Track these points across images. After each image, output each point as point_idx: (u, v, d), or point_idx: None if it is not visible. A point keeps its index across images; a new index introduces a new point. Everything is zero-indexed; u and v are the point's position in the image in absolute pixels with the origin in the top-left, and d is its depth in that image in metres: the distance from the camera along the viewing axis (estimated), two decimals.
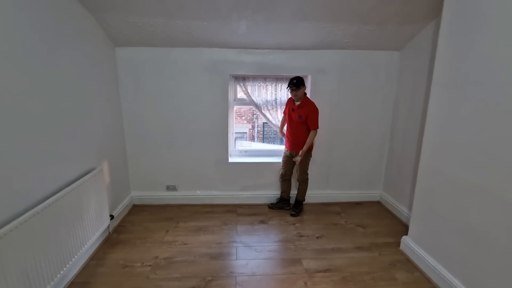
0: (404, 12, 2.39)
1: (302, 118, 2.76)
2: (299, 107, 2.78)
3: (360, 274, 2.17)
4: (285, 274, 2.17)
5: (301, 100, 2.77)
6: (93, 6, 2.24)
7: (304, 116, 2.75)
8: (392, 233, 2.73)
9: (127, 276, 2.11)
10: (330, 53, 2.99)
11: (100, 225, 2.38)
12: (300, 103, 2.77)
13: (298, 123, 2.82)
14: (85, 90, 2.28)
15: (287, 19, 2.46)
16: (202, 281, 2.08)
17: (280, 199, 3.25)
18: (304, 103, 2.77)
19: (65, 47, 2.02)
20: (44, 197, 1.77)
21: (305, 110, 2.75)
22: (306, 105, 2.76)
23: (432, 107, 2.13)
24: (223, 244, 2.55)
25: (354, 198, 3.45)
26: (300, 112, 2.77)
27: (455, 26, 1.92)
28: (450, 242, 1.96)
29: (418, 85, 2.74)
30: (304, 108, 2.75)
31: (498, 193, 1.60)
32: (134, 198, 3.26)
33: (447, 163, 1.98)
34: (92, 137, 2.40)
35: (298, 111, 2.78)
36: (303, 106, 2.76)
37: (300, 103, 2.78)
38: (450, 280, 1.93)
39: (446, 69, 2.00)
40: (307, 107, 2.75)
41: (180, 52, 2.89)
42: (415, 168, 2.32)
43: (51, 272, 1.75)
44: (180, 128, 3.11)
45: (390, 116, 3.24)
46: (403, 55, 3.01)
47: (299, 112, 2.77)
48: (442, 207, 2.04)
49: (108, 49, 2.69)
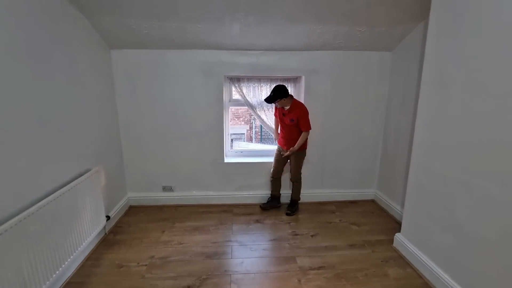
0: (394, 13, 2.44)
1: (294, 121, 2.83)
2: (289, 111, 2.84)
3: (353, 270, 2.21)
4: (279, 271, 2.20)
5: (290, 104, 2.83)
6: (87, 9, 2.27)
7: (296, 119, 2.81)
8: (386, 231, 2.77)
9: (123, 276, 2.14)
10: (323, 54, 3.03)
11: (96, 225, 2.40)
12: (290, 107, 2.83)
13: (291, 126, 2.88)
14: (80, 92, 2.30)
15: (278, 21, 2.50)
16: (198, 279, 2.10)
17: (271, 197, 3.28)
18: (294, 106, 2.82)
19: (60, 49, 2.05)
20: (39, 197, 1.79)
21: (296, 114, 2.81)
22: (296, 108, 2.82)
23: (421, 106, 2.18)
24: (219, 243, 2.57)
25: (349, 197, 3.49)
26: (292, 116, 2.82)
27: (441, 27, 1.97)
28: (441, 239, 2.00)
29: (410, 85, 2.79)
30: (295, 111, 2.81)
31: (485, 190, 1.64)
32: (130, 199, 3.28)
33: (437, 161, 2.02)
34: (88, 139, 2.42)
35: (290, 115, 2.84)
36: (293, 110, 2.82)
37: (289, 107, 2.83)
38: (441, 275, 1.96)
39: (433, 69, 2.05)
40: (297, 110, 2.81)
41: (174, 54, 2.93)
42: (408, 167, 2.36)
43: (47, 272, 1.77)
44: (176, 129, 3.14)
45: (383, 115, 3.28)
46: (394, 56, 3.06)
47: (290, 116, 2.83)
48: (432, 204, 2.08)
49: (103, 52, 2.72)
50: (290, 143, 2.93)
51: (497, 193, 1.56)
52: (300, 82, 3.24)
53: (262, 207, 3.23)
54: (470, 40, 1.73)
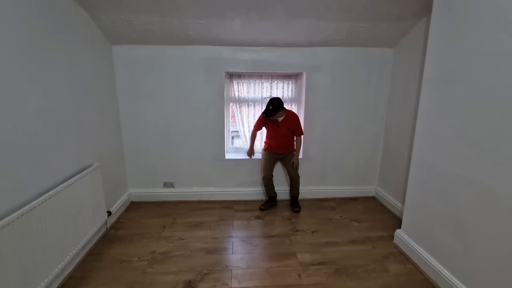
0: (396, 9, 2.42)
1: (290, 129, 2.94)
2: (284, 121, 2.91)
3: (353, 266, 2.21)
4: (279, 267, 2.21)
5: (284, 115, 2.90)
6: (89, 4, 2.26)
7: (292, 127, 2.94)
8: (386, 227, 2.78)
9: (124, 270, 2.15)
10: (324, 50, 3.02)
11: (97, 221, 2.41)
12: (284, 117, 2.90)
13: (288, 134, 2.97)
14: (81, 88, 2.30)
15: (280, 17, 2.49)
16: (198, 274, 2.11)
17: (269, 198, 3.22)
18: (288, 116, 2.93)
19: (62, 45, 2.05)
20: (40, 192, 1.80)
21: (291, 123, 2.93)
22: (291, 117, 2.94)
23: (423, 102, 2.17)
24: (219, 239, 2.58)
25: (350, 193, 3.49)
26: (288, 126, 2.93)
27: (444, 22, 1.96)
28: (441, 235, 2.00)
29: (411, 81, 2.78)
30: (289, 121, 2.92)
31: (486, 186, 1.63)
32: (131, 195, 3.29)
33: (438, 157, 2.02)
34: (89, 134, 2.43)
35: (286, 125, 2.92)
36: (288, 120, 2.92)
37: (283, 118, 2.90)
38: (441, 271, 1.97)
39: (435, 65, 2.04)
40: (291, 119, 2.93)
41: (175, 50, 2.92)
42: (409, 164, 2.36)
43: (49, 266, 1.78)
44: (177, 125, 3.14)
45: (384, 112, 3.28)
46: (396, 52, 3.05)
47: (287, 126, 2.92)
48: (433, 200, 2.08)
49: (104, 47, 2.72)
50: (287, 148, 3.04)
51: (498, 190, 1.56)
52: (301, 79, 3.23)
53: (262, 208, 3.14)
54: (473, 36, 1.72)
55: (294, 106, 3.37)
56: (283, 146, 3.01)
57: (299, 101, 3.34)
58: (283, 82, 3.29)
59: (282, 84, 3.28)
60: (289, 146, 3.04)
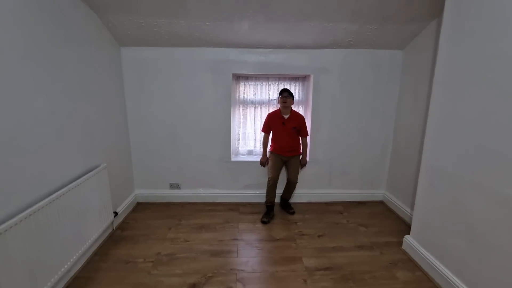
0: (406, 11, 2.38)
1: (296, 128, 2.91)
2: (290, 119, 2.90)
3: (360, 272, 2.17)
4: (285, 271, 2.18)
5: (290, 112, 2.88)
6: (98, 7, 2.29)
7: (298, 126, 2.92)
8: (395, 233, 2.72)
9: (129, 272, 2.15)
10: (332, 52, 2.99)
11: (104, 221, 2.43)
12: (290, 115, 2.89)
13: (294, 133, 2.94)
14: (90, 89, 2.33)
15: (288, 19, 2.47)
16: (203, 277, 2.10)
17: (267, 209, 3.03)
18: (294, 114, 2.93)
19: (71, 47, 2.07)
20: (48, 192, 1.81)
21: (297, 121, 2.92)
22: (297, 116, 2.94)
23: (433, 105, 2.12)
24: (225, 241, 2.57)
25: (357, 197, 3.44)
26: (294, 124, 2.91)
27: (456, 24, 1.91)
28: (452, 242, 1.94)
29: (421, 83, 2.72)
30: (296, 119, 2.92)
31: (499, 193, 1.58)
32: (138, 196, 3.30)
33: (448, 162, 1.96)
34: (97, 135, 2.45)
35: (291, 123, 2.90)
36: (294, 118, 2.91)
37: (289, 115, 2.89)
38: (453, 280, 1.91)
39: (447, 67, 1.99)
40: (298, 117, 2.94)
41: (183, 52, 2.93)
42: (418, 168, 2.31)
43: (55, 266, 1.80)
44: (184, 126, 3.15)
45: (393, 115, 3.22)
46: (406, 54, 2.99)
47: (292, 124, 2.90)
48: (443, 205, 2.02)
49: (113, 49, 2.74)
50: (295, 150, 3.00)
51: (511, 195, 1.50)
52: (308, 81, 3.21)
53: (265, 221, 2.91)
54: (486, 38, 1.67)
55: (301, 108, 3.34)
56: (288, 147, 2.96)
57: (306, 103, 3.31)
58: (290, 84, 3.27)
59: (289, 86, 3.26)
60: (294, 148, 2.99)
